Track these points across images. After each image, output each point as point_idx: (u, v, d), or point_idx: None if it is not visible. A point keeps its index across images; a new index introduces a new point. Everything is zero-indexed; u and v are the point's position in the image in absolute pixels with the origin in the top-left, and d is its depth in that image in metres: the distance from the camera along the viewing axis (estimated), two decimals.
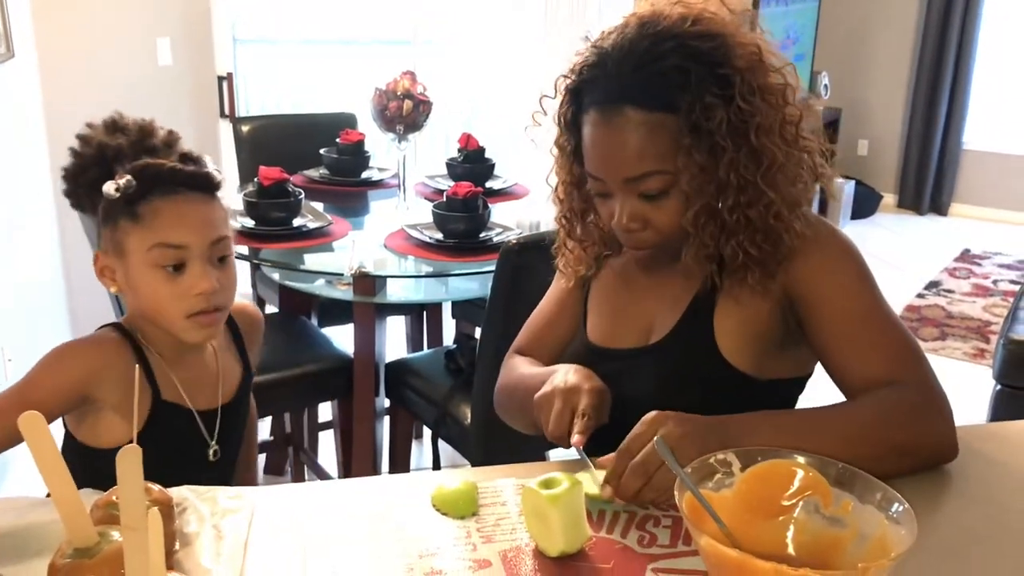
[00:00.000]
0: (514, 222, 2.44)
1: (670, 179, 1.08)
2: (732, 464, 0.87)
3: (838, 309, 1.11)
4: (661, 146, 1.07)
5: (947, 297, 4.46)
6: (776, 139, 1.08)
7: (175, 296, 1.16)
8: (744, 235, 1.10)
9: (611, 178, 1.10)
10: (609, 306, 1.27)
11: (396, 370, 2.36)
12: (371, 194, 2.83)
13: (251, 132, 3.00)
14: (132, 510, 0.65)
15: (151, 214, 1.15)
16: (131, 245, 1.16)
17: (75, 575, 0.75)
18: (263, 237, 2.29)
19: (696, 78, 1.05)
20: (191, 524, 0.92)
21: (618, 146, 1.08)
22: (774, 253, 1.11)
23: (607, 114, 1.08)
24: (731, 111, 1.05)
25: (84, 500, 0.79)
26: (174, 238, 1.15)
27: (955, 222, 5.84)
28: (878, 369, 1.08)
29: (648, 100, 1.06)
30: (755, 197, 1.08)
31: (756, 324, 1.14)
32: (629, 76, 1.07)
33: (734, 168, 1.07)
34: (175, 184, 1.17)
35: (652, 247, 1.15)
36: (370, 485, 1.13)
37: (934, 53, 5.72)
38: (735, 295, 1.14)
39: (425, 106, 2.53)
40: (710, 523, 0.81)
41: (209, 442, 1.26)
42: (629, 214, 1.11)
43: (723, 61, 1.06)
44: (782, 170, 1.09)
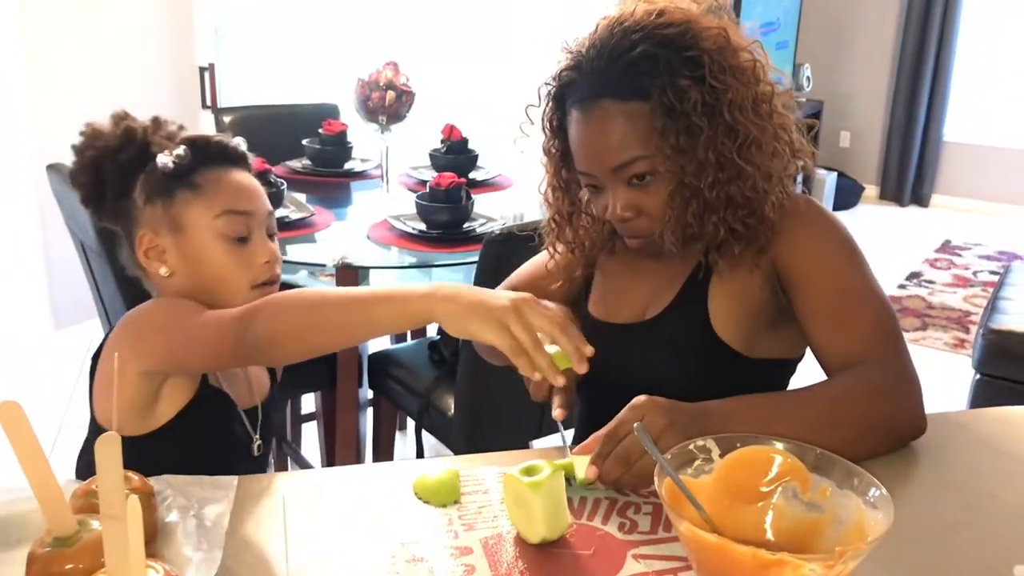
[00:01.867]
0: (497, 213, 2.44)
1: (651, 164, 1.11)
2: (711, 451, 0.87)
3: (818, 285, 1.13)
4: (641, 132, 1.10)
5: (928, 288, 4.50)
6: (750, 115, 1.11)
7: (242, 265, 1.18)
8: (726, 211, 1.12)
9: (599, 170, 1.13)
10: (611, 283, 1.30)
11: (379, 361, 2.35)
12: (354, 185, 2.82)
13: (233, 123, 2.99)
14: (111, 498, 0.65)
15: (212, 183, 1.17)
16: (193, 216, 1.17)
17: (55, 564, 0.75)
18: None
19: (665, 62, 1.08)
20: (172, 513, 0.92)
21: (601, 138, 1.11)
22: (757, 226, 1.13)
23: (587, 110, 1.12)
24: (703, 91, 1.08)
25: (64, 489, 0.78)
26: (241, 205, 1.17)
27: (936, 213, 5.89)
28: (852, 347, 1.10)
29: (621, 90, 1.10)
30: (734, 173, 1.11)
31: (749, 301, 1.16)
32: (602, 71, 1.11)
33: (711, 146, 1.09)
34: (224, 159, 1.20)
35: (649, 235, 1.17)
36: (352, 473, 1.13)
37: (915, 46, 5.75)
38: (728, 273, 1.16)
39: (408, 96, 2.53)
40: (690, 509, 0.81)
41: (253, 436, 1.27)
42: (622, 204, 1.14)
43: (691, 44, 1.09)
44: (758, 144, 1.11)
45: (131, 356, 1.09)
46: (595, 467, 0.99)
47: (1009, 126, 5.82)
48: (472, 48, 4.39)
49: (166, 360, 1.10)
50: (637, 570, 0.89)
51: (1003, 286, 3.01)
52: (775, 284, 1.17)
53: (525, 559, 0.91)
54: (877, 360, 1.09)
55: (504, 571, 0.89)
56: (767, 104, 1.13)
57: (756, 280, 1.16)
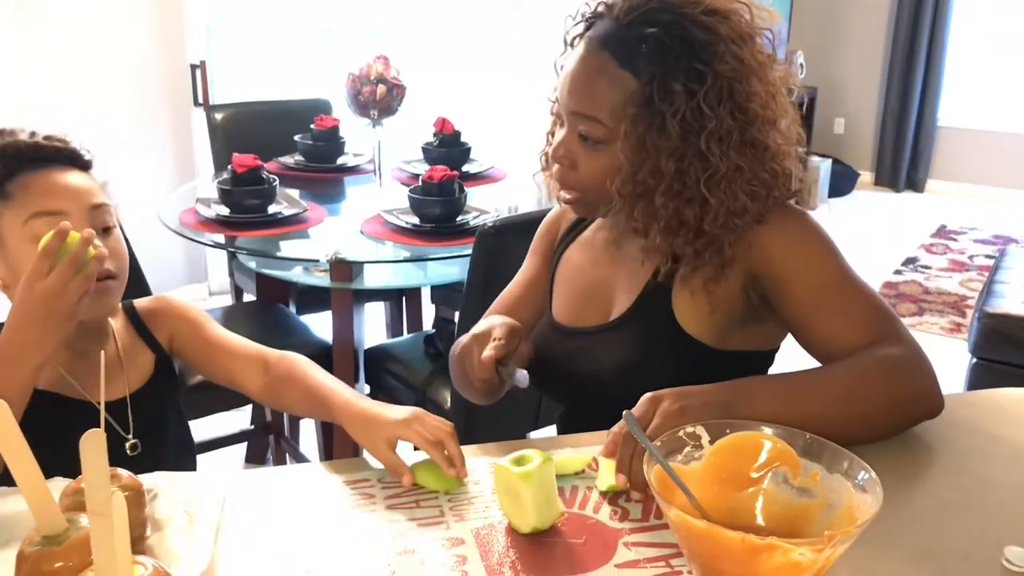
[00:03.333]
0: (491, 205, 2.44)
1: (606, 134, 1.11)
2: (701, 437, 0.87)
3: (807, 283, 1.11)
4: (613, 101, 1.09)
5: (924, 273, 4.50)
6: (730, 151, 1.08)
7: None
8: (677, 229, 1.11)
9: (563, 102, 1.14)
10: (574, 286, 1.28)
11: (375, 356, 2.35)
12: (347, 180, 2.82)
13: (225, 119, 2.98)
14: (97, 495, 0.65)
15: (21, 189, 1.11)
16: (6, 226, 1.12)
17: (44, 563, 0.75)
18: (238, 225, 2.28)
19: (671, 57, 1.06)
20: (162, 510, 0.92)
21: (580, 78, 1.11)
22: (706, 254, 1.11)
23: (588, 47, 1.12)
24: (691, 107, 1.06)
25: (52, 488, 0.78)
26: (50, 205, 1.11)
27: (931, 198, 5.89)
28: (856, 335, 1.09)
29: (620, 54, 1.09)
30: (692, 196, 1.09)
31: (715, 297, 1.14)
32: (620, 25, 1.10)
33: (673, 158, 1.08)
34: (40, 160, 1.13)
35: (573, 192, 1.16)
36: (344, 466, 1.13)
37: (908, 31, 5.74)
38: (690, 274, 1.14)
39: (399, 90, 2.53)
40: (680, 496, 0.81)
41: (125, 436, 1.20)
42: (565, 146, 1.14)
43: (705, 59, 1.07)
44: (729, 180, 1.09)
45: None
46: (622, 475, 0.97)
47: (1003, 110, 5.81)
48: (462, 41, 4.37)
49: None
50: (628, 558, 0.89)
51: (998, 270, 3.01)
52: (748, 285, 1.14)
53: (516, 549, 0.91)
54: (885, 342, 1.08)
55: (496, 561, 0.89)
56: (759, 148, 1.10)
57: (725, 282, 1.14)
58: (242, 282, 2.85)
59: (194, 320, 1.32)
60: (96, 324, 1.21)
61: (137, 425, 1.21)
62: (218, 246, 2.36)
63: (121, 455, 1.19)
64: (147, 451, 1.21)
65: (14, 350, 1.05)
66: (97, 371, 1.14)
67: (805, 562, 0.73)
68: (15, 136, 1.17)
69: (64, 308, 1.04)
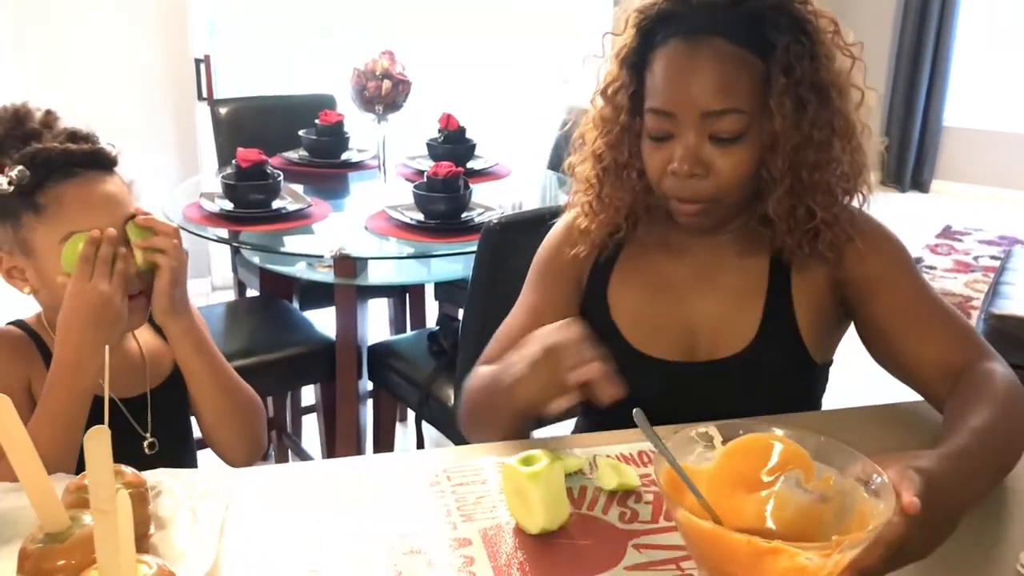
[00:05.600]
0: (496, 202, 2.42)
1: (747, 122, 1.05)
2: (714, 438, 0.86)
3: (904, 291, 1.11)
4: (746, 84, 1.04)
5: (929, 273, 4.48)
6: (848, 106, 1.08)
7: None
8: (819, 196, 1.09)
9: (686, 112, 1.05)
10: (643, 308, 1.20)
11: (379, 353, 2.34)
12: (351, 175, 2.81)
13: (229, 114, 2.97)
14: (101, 492, 0.64)
15: (55, 204, 1.09)
16: (39, 241, 1.10)
17: (47, 560, 0.74)
18: (242, 220, 2.27)
19: (790, 21, 1.05)
20: (166, 507, 0.91)
21: (702, 76, 1.03)
22: (839, 220, 1.10)
23: (693, 43, 1.04)
24: (817, 66, 1.05)
25: (56, 483, 0.77)
26: (86, 223, 1.09)
27: (936, 199, 5.87)
28: (959, 349, 1.07)
29: (741, 34, 1.04)
30: (828, 160, 1.07)
31: (824, 310, 1.14)
32: (722, 8, 1.05)
33: (816, 125, 1.05)
34: (71, 166, 1.10)
35: (706, 202, 1.09)
36: (351, 465, 1.12)
37: (914, 30, 5.72)
38: (805, 276, 1.14)
39: (404, 86, 2.51)
40: (689, 497, 0.80)
41: (143, 434, 1.19)
42: (694, 156, 1.05)
43: (808, 17, 1.06)
44: (848, 137, 1.08)
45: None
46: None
47: (1010, 111, 5.79)
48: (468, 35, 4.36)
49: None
50: (638, 560, 0.88)
51: (1004, 271, 2.99)
52: (838, 294, 1.14)
53: (524, 550, 0.90)
54: (977, 361, 1.05)
55: (503, 562, 0.88)
56: (856, 106, 1.10)
57: (827, 289, 1.14)
58: (245, 277, 2.84)
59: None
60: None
61: (156, 423, 1.20)
62: (222, 241, 2.35)
63: (139, 452, 1.19)
64: (165, 449, 1.21)
65: (73, 358, 1.07)
66: (118, 367, 1.16)
67: (812, 567, 0.71)
68: (33, 120, 1.15)
69: (113, 308, 1.07)
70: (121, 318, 1.09)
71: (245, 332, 2.43)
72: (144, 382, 1.21)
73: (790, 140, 1.06)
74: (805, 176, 1.08)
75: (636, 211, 1.19)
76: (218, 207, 2.29)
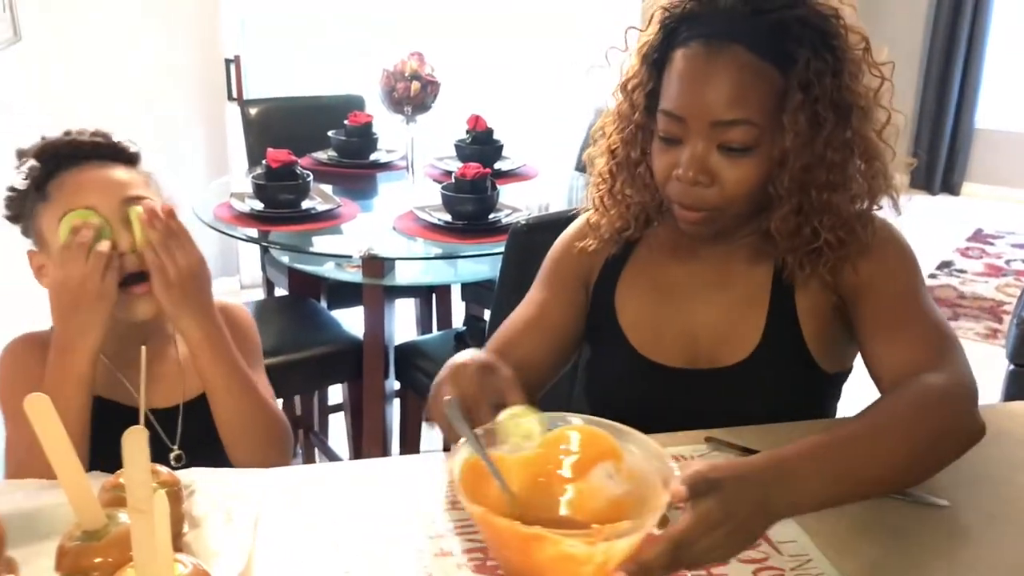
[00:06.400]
0: (523, 203, 2.43)
1: (757, 135, 1.03)
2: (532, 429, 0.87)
3: (889, 297, 1.08)
4: (761, 96, 1.02)
5: (959, 277, 4.43)
6: (868, 129, 1.06)
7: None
8: (826, 218, 1.06)
9: (696, 118, 1.03)
10: (648, 313, 1.20)
11: (406, 352, 2.35)
12: (379, 176, 2.82)
13: (259, 115, 2.99)
14: (139, 492, 0.65)
15: (58, 188, 1.12)
16: (46, 226, 1.12)
17: (84, 557, 0.75)
18: (272, 220, 2.29)
19: (814, 35, 1.02)
20: (200, 506, 0.92)
21: (716, 84, 1.01)
22: (847, 243, 1.08)
23: (712, 48, 1.02)
24: (839, 84, 1.02)
25: (92, 483, 0.78)
26: (79, 202, 1.10)
27: (967, 202, 5.79)
28: (911, 357, 1.02)
29: (761, 45, 1.01)
30: (842, 181, 1.05)
31: (829, 318, 1.13)
32: (746, 16, 1.02)
33: (831, 145, 1.03)
34: (79, 157, 1.13)
35: (708, 211, 1.07)
36: (379, 466, 1.13)
37: (947, 30, 5.65)
38: (808, 289, 1.12)
39: (433, 87, 2.52)
40: (493, 486, 0.81)
41: (170, 446, 1.17)
42: (700, 164, 1.04)
43: (837, 33, 1.03)
44: (868, 159, 1.06)
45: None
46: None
47: None
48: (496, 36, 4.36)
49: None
50: None
51: None
52: (835, 295, 1.13)
53: None
54: (935, 370, 0.99)
55: None
56: (880, 126, 1.08)
57: (832, 296, 1.12)
58: (274, 276, 2.86)
59: (250, 346, 1.28)
60: (154, 326, 1.19)
61: (185, 436, 1.19)
62: (251, 240, 2.37)
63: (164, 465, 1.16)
64: (192, 464, 1.15)
65: (63, 341, 1.08)
66: (152, 376, 1.13)
67: (580, 555, 0.73)
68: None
69: (91, 288, 1.06)
70: (103, 297, 1.07)
71: (273, 331, 2.44)
72: (179, 394, 1.20)
73: (800, 158, 1.04)
74: (814, 196, 1.06)
75: (647, 210, 1.18)
76: (248, 207, 2.31)
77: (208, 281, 1.15)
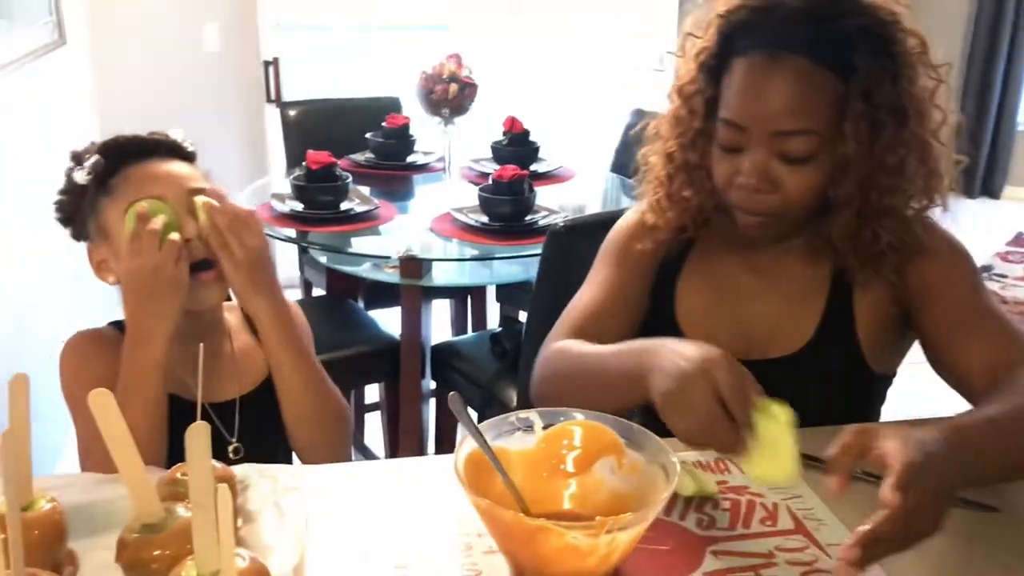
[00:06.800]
0: (557, 205, 2.43)
1: (818, 144, 1.03)
2: (535, 423, 0.90)
3: (957, 298, 1.09)
4: (821, 106, 1.02)
5: (1000, 281, 4.36)
6: (925, 130, 1.06)
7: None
8: (886, 220, 1.07)
9: (758, 128, 1.04)
10: (706, 307, 1.21)
11: (442, 353, 2.37)
12: (416, 178, 2.84)
13: (297, 117, 3.02)
14: (201, 487, 0.66)
15: (123, 182, 1.14)
16: (110, 218, 1.15)
17: (143, 550, 0.76)
18: (311, 220, 2.31)
19: (875, 44, 1.02)
20: (253, 502, 0.93)
21: (777, 95, 1.02)
22: (908, 244, 1.09)
23: (771, 59, 1.02)
24: (898, 90, 1.03)
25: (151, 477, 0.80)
26: (148, 191, 1.13)
27: (1008, 205, 5.70)
28: (999, 354, 1.04)
29: (822, 54, 1.02)
30: (900, 183, 1.06)
31: (886, 320, 1.14)
32: (805, 25, 1.02)
33: (890, 149, 1.04)
34: (142, 153, 1.17)
35: (770, 216, 1.08)
36: (426, 464, 1.13)
37: (988, 33, 5.58)
38: (868, 290, 1.13)
39: (470, 89, 2.53)
40: (497, 480, 0.83)
41: (229, 439, 1.20)
42: (762, 172, 1.05)
43: (896, 38, 1.04)
44: (926, 161, 1.07)
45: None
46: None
47: None
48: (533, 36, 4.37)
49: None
50: (716, 566, 0.88)
51: None
52: (900, 299, 1.13)
53: None
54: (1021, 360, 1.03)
55: None
56: (937, 128, 1.08)
57: (889, 298, 1.13)
58: (312, 277, 2.89)
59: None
60: (210, 321, 1.21)
61: (243, 429, 1.21)
62: (291, 241, 2.39)
63: (223, 458, 1.17)
64: (250, 456, 1.17)
65: (138, 331, 1.10)
66: (210, 371, 1.15)
67: (584, 547, 0.75)
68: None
69: (164, 276, 1.09)
70: (177, 284, 1.10)
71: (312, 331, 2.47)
72: (235, 387, 1.22)
73: (863, 165, 1.04)
74: (874, 200, 1.06)
75: (705, 210, 1.19)
76: (288, 208, 2.34)
77: (273, 264, 1.19)
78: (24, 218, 2.30)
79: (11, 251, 2.28)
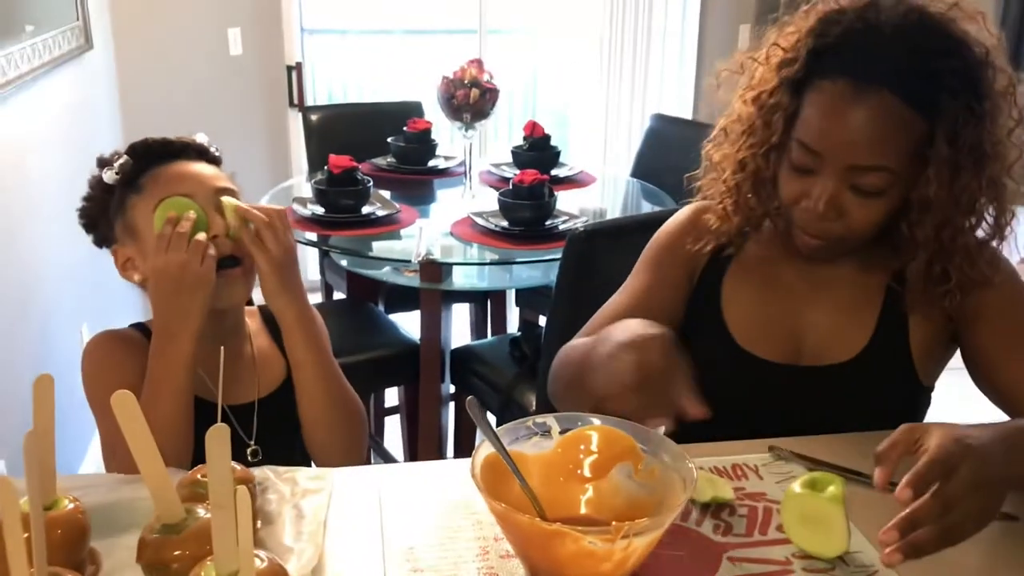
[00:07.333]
0: (577, 209, 2.43)
1: (892, 181, 1.02)
2: (552, 428, 0.90)
3: (1007, 321, 1.10)
4: (901, 143, 1.01)
5: None
6: (1002, 171, 1.05)
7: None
8: (956, 258, 1.07)
9: (834, 157, 1.02)
10: (754, 308, 1.20)
11: (461, 357, 2.37)
12: (437, 182, 2.85)
13: (320, 121, 3.04)
14: (220, 488, 0.67)
15: (152, 181, 1.16)
16: (139, 216, 1.16)
17: (164, 550, 0.77)
18: (332, 224, 2.33)
19: (966, 87, 1.00)
20: (272, 503, 0.94)
21: (859, 127, 1.00)
22: (971, 279, 1.09)
23: (859, 88, 1.00)
24: (980, 132, 1.01)
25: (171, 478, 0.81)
26: (176, 190, 1.15)
27: None
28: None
29: (911, 92, 0.99)
30: (973, 223, 1.06)
31: (937, 335, 1.14)
32: (897, 58, 1.00)
33: (968, 189, 1.03)
34: (170, 155, 1.19)
35: (832, 242, 1.08)
36: (441, 468, 1.14)
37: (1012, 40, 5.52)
38: (923, 311, 1.12)
39: (492, 94, 2.54)
40: (515, 484, 0.83)
41: (247, 440, 1.20)
42: (831, 200, 1.04)
43: (986, 79, 1.02)
44: (999, 200, 1.06)
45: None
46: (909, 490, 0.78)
47: None
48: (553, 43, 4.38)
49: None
50: (733, 572, 0.88)
51: None
52: (950, 318, 1.13)
53: None
54: None
55: None
56: (1012, 163, 1.07)
57: (942, 313, 1.12)
58: (332, 280, 2.91)
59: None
60: (232, 324, 1.23)
61: (261, 431, 1.22)
62: (312, 244, 2.41)
63: (241, 460, 1.18)
64: (268, 459, 1.17)
65: (167, 327, 1.12)
66: (230, 373, 1.14)
67: (600, 552, 0.75)
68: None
69: (192, 272, 1.10)
70: (203, 281, 1.11)
71: (331, 334, 2.44)
72: (254, 390, 1.23)
73: (944, 208, 1.03)
74: (946, 239, 1.06)
75: (768, 216, 1.19)
76: (309, 211, 2.35)
77: (299, 264, 1.21)
78: (49, 221, 2.34)
79: (36, 253, 2.31)
